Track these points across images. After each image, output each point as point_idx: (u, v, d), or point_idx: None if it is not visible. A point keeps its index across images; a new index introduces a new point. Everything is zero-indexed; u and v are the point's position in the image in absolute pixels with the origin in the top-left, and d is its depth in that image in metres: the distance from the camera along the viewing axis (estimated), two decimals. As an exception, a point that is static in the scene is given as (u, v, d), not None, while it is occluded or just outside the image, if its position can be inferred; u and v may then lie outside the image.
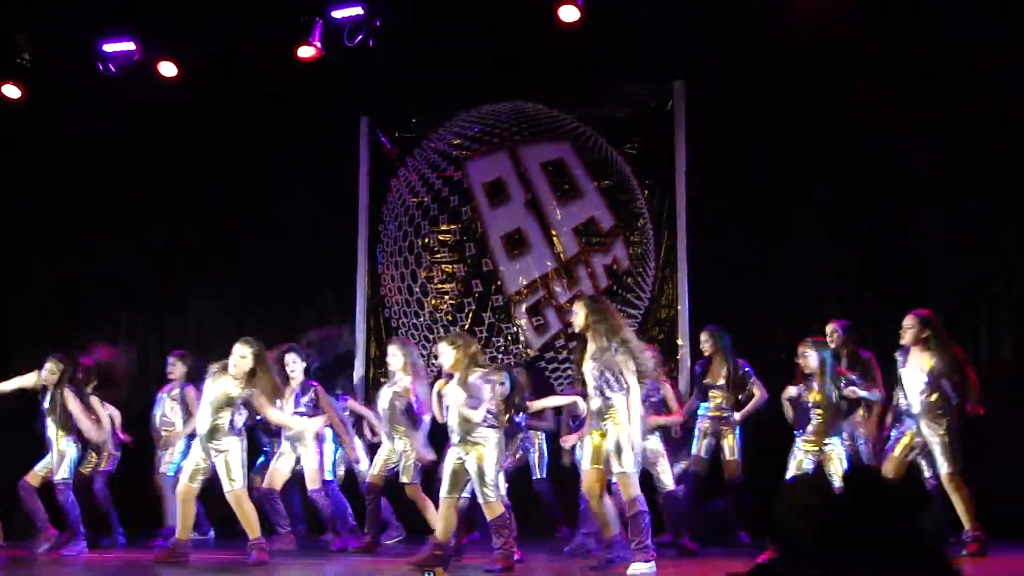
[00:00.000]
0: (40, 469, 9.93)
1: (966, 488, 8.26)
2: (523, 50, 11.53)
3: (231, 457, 8.78)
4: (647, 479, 8.74)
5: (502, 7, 11.04)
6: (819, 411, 8.36)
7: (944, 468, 8.28)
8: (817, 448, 8.31)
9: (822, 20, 10.30)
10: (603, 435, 7.75)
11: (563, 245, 11.87)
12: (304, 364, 10.10)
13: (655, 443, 9.03)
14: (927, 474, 8.56)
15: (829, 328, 9.24)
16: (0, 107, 12.24)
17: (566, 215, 11.88)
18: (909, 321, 8.48)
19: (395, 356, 9.32)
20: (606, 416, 7.72)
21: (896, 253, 10.61)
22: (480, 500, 8.10)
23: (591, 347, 7.82)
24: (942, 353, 8.41)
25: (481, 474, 7.97)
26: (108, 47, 11.61)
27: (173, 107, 12.27)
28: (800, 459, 8.34)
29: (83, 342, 10.68)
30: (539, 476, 10.41)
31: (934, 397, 8.37)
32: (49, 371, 9.90)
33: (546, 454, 10.48)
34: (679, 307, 11.31)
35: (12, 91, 12.03)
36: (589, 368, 7.79)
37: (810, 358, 8.40)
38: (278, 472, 9.94)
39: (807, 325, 10.27)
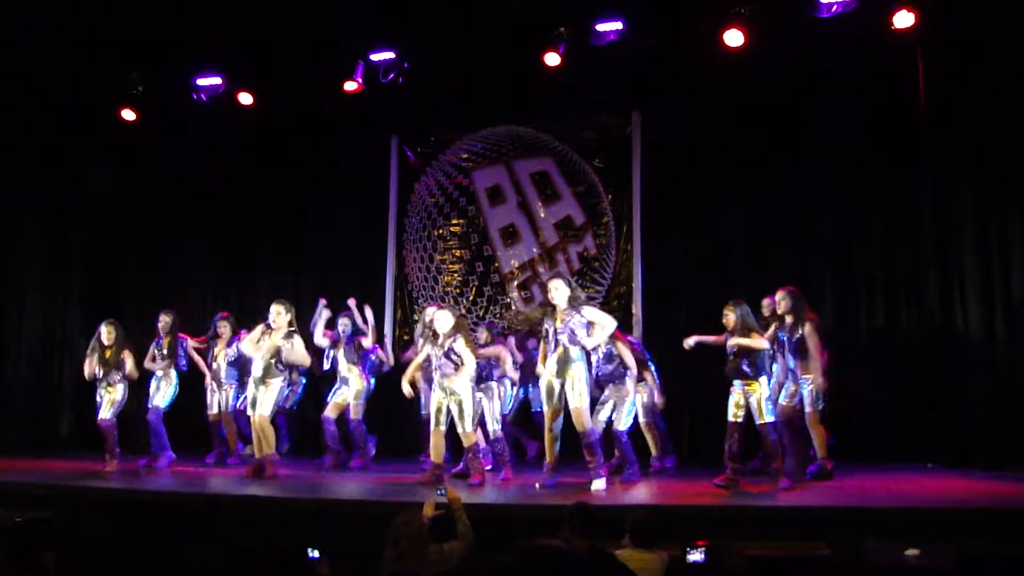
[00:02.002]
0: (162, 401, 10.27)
1: (822, 426, 8.50)
2: (517, 87, 11.73)
3: (270, 390, 9.09)
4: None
5: (501, 54, 11.15)
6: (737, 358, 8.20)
7: (807, 408, 8.48)
8: (750, 388, 8.13)
9: (742, 65, 10.48)
10: (562, 381, 8.11)
11: (546, 236, 12.08)
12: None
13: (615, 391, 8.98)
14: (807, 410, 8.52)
15: (777, 296, 8.74)
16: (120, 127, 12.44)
17: (548, 213, 12.08)
18: (781, 294, 8.60)
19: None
20: (568, 364, 8.09)
21: (794, 249, 10.77)
22: (459, 431, 8.54)
23: (561, 315, 8.14)
24: (803, 320, 8.50)
25: (460, 412, 8.45)
26: (201, 81, 11.82)
27: (251, 129, 12.51)
28: (736, 399, 8.20)
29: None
30: (537, 410, 10.29)
31: (800, 354, 8.51)
32: (164, 323, 10.41)
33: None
34: (634, 284, 11.58)
35: (129, 115, 12.19)
36: (560, 328, 8.10)
37: (729, 317, 8.26)
38: (334, 405, 10.18)
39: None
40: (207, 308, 12.45)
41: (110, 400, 9.92)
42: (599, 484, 7.97)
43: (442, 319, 8.58)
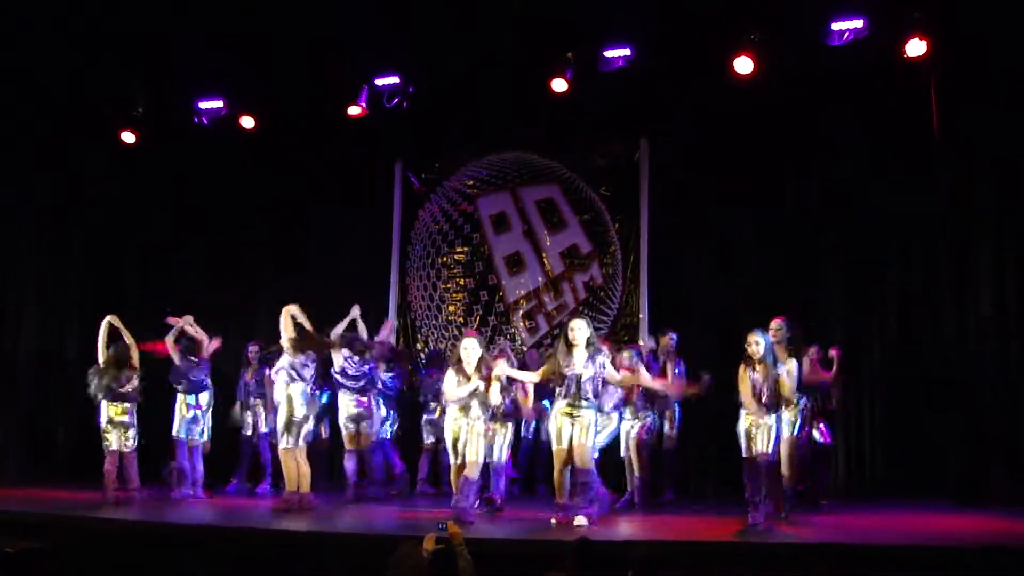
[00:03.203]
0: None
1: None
2: (523, 112, 11.80)
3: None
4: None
5: (508, 79, 11.27)
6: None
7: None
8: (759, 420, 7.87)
9: (751, 91, 10.58)
10: (572, 423, 8.02)
11: (551, 265, 12.12)
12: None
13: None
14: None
15: (774, 324, 8.52)
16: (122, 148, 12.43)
17: (554, 242, 12.15)
18: (776, 324, 8.47)
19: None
20: (579, 406, 8.01)
21: (806, 267, 10.85)
22: (466, 460, 8.39)
23: (582, 355, 8.05)
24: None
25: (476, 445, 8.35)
26: (202, 104, 11.90)
27: (256, 153, 12.56)
28: (748, 430, 7.91)
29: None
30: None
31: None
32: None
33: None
34: (640, 315, 11.60)
35: (129, 137, 12.19)
36: (579, 370, 8.00)
37: (760, 345, 7.95)
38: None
39: (740, 332, 10.91)
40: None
41: (124, 429, 9.63)
42: (582, 520, 7.90)
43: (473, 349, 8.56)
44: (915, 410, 10.20)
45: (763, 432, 7.89)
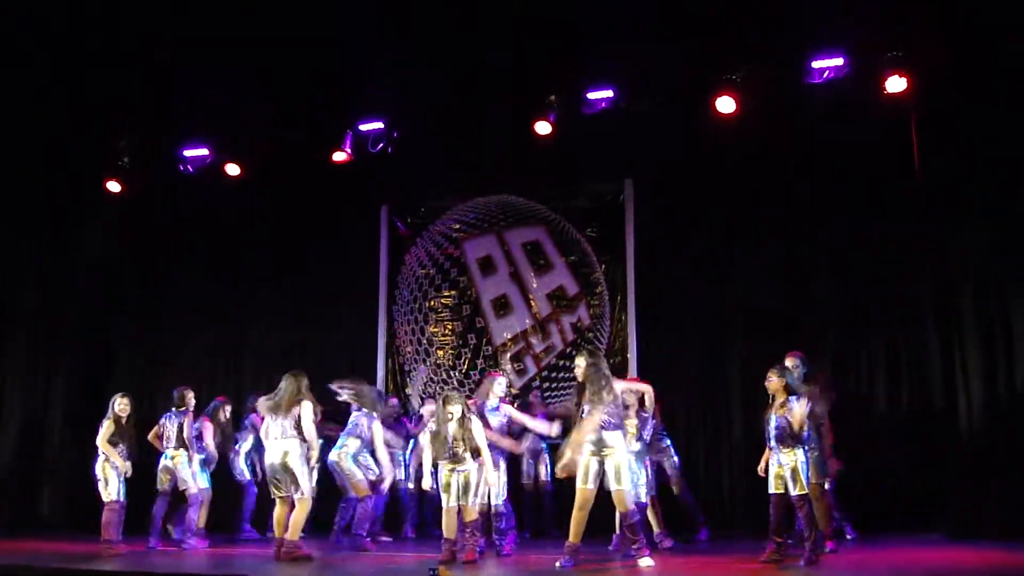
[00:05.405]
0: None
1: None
2: (508, 155, 11.86)
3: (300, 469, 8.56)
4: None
5: (492, 123, 11.37)
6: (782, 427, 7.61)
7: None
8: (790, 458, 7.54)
9: (734, 130, 10.66)
10: (601, 460, 7.70)
11: (539, 307, 12.09)
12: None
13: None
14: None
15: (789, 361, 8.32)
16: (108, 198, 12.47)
17: (541, 284, 12.13)
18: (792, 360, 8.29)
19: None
20: (606, 445, 7.70)
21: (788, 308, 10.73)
22: (462, 504, 8.14)
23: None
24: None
25: (467, 487, 8.14)
26: (187, 152, 12.01)
27: (241, 200, 12.59)
28: (777, 470, 7.62)
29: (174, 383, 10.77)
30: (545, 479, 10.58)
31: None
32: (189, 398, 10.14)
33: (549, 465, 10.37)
34: (629, 354, 11.56)
35: (114, 186, 12.25)
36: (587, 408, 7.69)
37: (773, 381, 7.71)
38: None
39: (728, 373, 10.81)
40: (194, 379, 11.86)
41: (117, 478, 9.48)
42: (648, 562, 7.57)
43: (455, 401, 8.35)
44: (906, 446, 10.09)
45: (791, 471, 7.56)
